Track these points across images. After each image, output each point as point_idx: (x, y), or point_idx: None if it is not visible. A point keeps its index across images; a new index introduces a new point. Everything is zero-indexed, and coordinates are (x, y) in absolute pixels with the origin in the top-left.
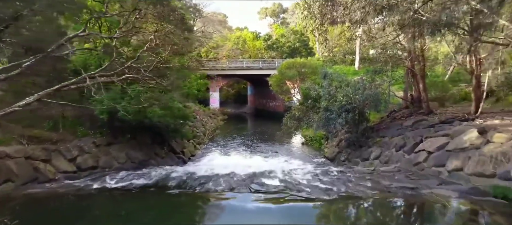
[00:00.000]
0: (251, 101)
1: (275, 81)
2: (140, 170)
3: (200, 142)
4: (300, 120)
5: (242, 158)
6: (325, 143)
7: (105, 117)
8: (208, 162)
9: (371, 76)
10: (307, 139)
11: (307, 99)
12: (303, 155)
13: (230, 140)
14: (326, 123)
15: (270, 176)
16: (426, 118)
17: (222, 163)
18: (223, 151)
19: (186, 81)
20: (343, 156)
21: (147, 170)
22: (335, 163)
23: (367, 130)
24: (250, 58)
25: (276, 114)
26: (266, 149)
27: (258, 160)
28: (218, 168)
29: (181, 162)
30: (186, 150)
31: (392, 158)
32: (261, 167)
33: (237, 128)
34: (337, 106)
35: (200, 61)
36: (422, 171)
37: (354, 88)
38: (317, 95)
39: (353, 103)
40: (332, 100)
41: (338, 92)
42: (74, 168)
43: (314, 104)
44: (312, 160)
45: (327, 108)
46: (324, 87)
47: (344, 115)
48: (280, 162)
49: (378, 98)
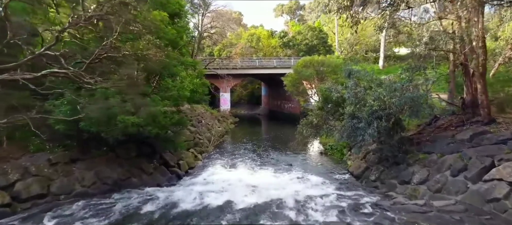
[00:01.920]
0: (265, 103)
1: (291, 81)
2: (109, 196)
3: (203, 151)
4: (319, 128)
5: (248, 172)
6: (347, 153)
7: (61, 128)
8: (207, 178)
9: (410, 74)
10: (327, 148)
11: (327, 102)
12: (322, 169)
13: (239, 147)
14: (352, 133)
15: (277, 213)
16: (488, 128)
17: (222, 180)
18: (228, 161)
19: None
20: (373, 175)
21: (119, 196)
22: (363, 182)
23: (404, 143)
24: (264, 57)
25: (292, 117)
26: (279, 159)
27: (266, 176)
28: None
29: (174, 178)
30: (183, 162)
31: (448, 186)
32: (269, 188)
33: (249, 132)
34: (366, 112)
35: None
36: (504, 214)
37: (389, 90)
38: (340, 98)
39: (387, 109)
40: (360, 104)
41: (368, 95)
42: (7, 200)
43: (336, 109)
44: (334, 176)
45: (353, 115)
46: (349, 88)
47: (375, 124)
48: (294, 179)
49: (420, 103)
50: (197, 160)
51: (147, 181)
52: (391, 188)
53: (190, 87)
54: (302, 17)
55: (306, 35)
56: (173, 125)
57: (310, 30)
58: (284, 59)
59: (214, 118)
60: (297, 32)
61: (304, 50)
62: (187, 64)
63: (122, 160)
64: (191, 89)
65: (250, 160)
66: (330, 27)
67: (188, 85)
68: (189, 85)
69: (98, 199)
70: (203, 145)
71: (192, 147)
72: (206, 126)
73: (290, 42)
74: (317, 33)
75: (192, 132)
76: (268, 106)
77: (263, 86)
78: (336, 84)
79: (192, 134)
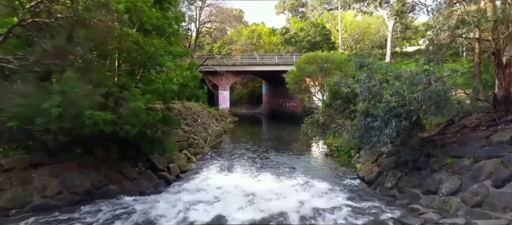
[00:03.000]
0: (266, 101)
1: (293, 78)
2: (77, 209)
3: (197, 152)
4: (325, 127)
5: (246, 177)
6: (355, 155)
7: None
8: (199, 184)
9: (433, 65)
10: (332, 149)
11: (335, 98)
12: (328, 173)
13: (238, 148)
14: (365, 133)
15: None
16: None
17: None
18: (225, 164)
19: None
20: (389, 181)
21: (89, 208)
22: (377, 190)
23: (425, 145)
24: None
25: (294, 116)
26: (280, 162)
27: (267, 182)
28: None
29: (162, 183)
30: (173, 165)
31: (491, 199)
32: (269, 198)
33: (249, 132)
34: (382, 109)
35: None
36: None
37: (409, 83)
38: (351, 93)
39: (407, 106)
40: (375, 100)
41: (385, 89)
42: None
43: (346, 106)
44: (343, 182)
45: (367, 113)
46: (362, 81)
47: (394, 122)
48: (297, 186)
49: (447, 98)
50: (191, 163)
51: (129, 188)
52: (414, 199)
53: (179, 80)
54: (304, 15)
55: (308, 32)
56: (159, 123)
57: (313, 27)
58: (286, 56)
59: (211, 116)
60: (299, 28)
61: (307, 47)
62: (176, 54)
63: (100, 164)
64: (181, 83)
65: (249, 162)
66: (333, 24)
67: (178, 78)
68: (179, 78)
69: (59, 214)
70: (198, 145)
71: (185, 148)
72: (202, 125)
73: (292, 38)
74: (320, 30)
75: (186, 132)
76: (269, 105)
77: (264, 84)
78: (345, 78)
79: (186, 134)
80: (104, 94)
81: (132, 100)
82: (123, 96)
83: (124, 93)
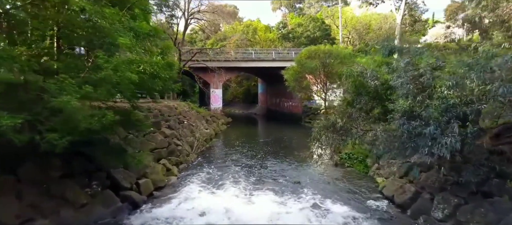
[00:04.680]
0: (262, 101)
1: (292, 74)
2: None
3: (181, 161)
4: (346, 132)
5: (239, 195)
6: (373, 165)
7: None
8: (175, 208)
9: None
10: (343, 157)
11: (359, 94)
12: (343, 189)
13: (230, 153)
14: (409, 143)
15: None
16: None
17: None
18: (213, 176)
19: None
20: (439, 210)
21: None
22: (420, 221)
23: (493, 158)
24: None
25: (292, 116)
26: (281, 172)
27: (265, 204)
28: None
29: (125, 208)
30: (145, 181)
31: None
32: None
33: (243, 135)
34: (436, 108)
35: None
36: None
37: (481, 70)
38: (381, 87)
39: (476, 103)
40: (423, 96)
41: (440, 80)
42: None
43: (375, 104)
44: (365, 203)
45: (411, 113)
46: (401, 69)
47: (456, 127)
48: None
49: None
50: (170, 175)
51: (70, 220)
52: None
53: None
54: (301, 11)
55: (307, 27)
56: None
57: (312, 21)
58: (284, 51)
59: (201, 117)
60: (297, 24)
61: (305, 43)
62: (140, 32)
63: (26, 187)
64: (150, 73)
65: (243, 174)
66: (332, 19)
67: (145, 66)
68: (146, 66)
69: None
70: (182, 153)
71: (165, 157)
72: (189, 128)
73: (289, 34)
74: (319, 25)
75: (168, 136)
76: (266, 105)
77: (260, 83)
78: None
79: (167, 139)
80: (21, 84)
81: (61, 94)
82: (47, 87)
83: (48, 83)
